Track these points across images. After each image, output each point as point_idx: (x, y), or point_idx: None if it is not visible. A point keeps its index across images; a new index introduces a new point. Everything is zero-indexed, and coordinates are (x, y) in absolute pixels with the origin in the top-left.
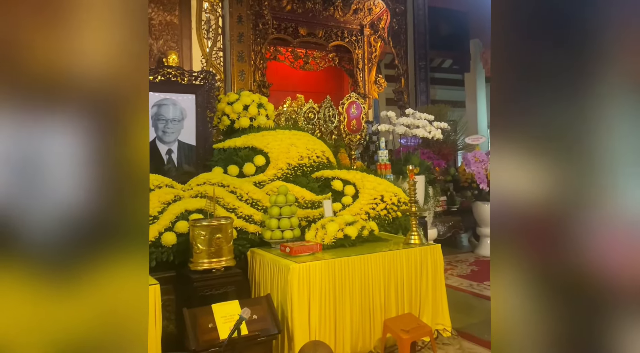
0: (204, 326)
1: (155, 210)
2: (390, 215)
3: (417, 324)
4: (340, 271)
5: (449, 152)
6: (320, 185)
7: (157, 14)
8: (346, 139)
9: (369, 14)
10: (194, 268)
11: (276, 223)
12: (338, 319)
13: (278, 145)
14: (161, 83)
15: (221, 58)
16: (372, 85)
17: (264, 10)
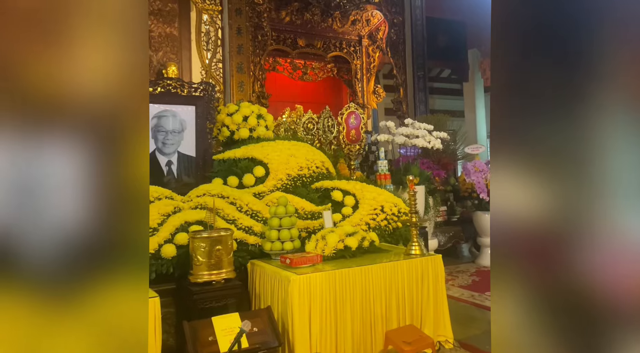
0: (204, 339)
1: (155, 222)
2: (391, 226)
3: (419, 336)
4: (341, 282)
5: (448, 162)
6: (319, 195)
7: (157, 26)
8: (345, 149)
9: (367, 24)
10: (194, 281)
11: (276, 234)
12: (339, 331)
13: (277, 156)
14: (161, 94)
15: (220, 69)
16: (370, 95)
17: (263, 22)
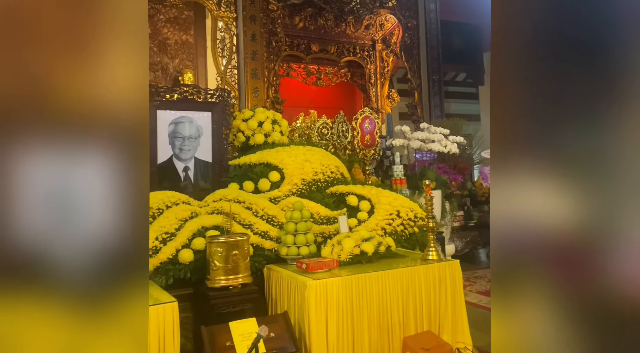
0: (221, 344)
1: (172, 227)
2: (407, 231)
3: (437, 342)
4: (358, 288)
5: (465, 166)
6: (335, 200)
7: (173, 33)
8: (360, 153)
9: (381, 29)
10: (211, 286)
11: (292, 239)
12: (356, 337)
13: (292, 161)
14: (178, 101)
15: (235, 75)
16: (385, 99)
17: (277, 28)
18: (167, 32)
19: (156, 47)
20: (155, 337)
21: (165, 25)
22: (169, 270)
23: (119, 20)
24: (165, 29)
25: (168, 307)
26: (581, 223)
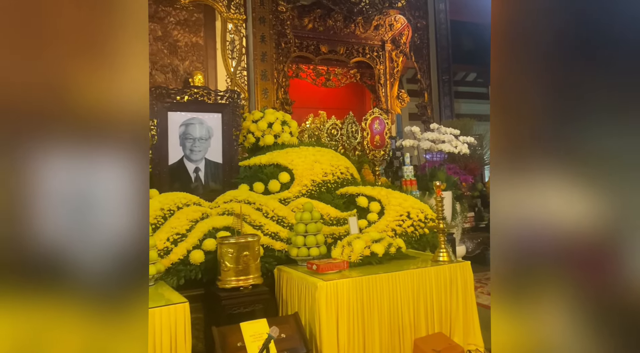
0: (232, 345)
1: (183, 228)
2: (418, 232)
3: (449, 344)
4: (368, 289)
5: (475, 167)
6: (344, 201)
7: (183, 35)
8: (370, 154)
9: (390, 29)
10: (222, 286)
11: (302, 240)
12: (367, 338)
13: (302, 162)
14: (188, 102)
15: (245, 77)
16: (394, 100)
17: (286, 29)
18: (177, 34)
19: (167, 49)
20: (167, 337)
21: (175, 28)
22: (180, 270)
23: (125, 20)
24: (175, 31)
25: (179, 307)
26: (594, 224)
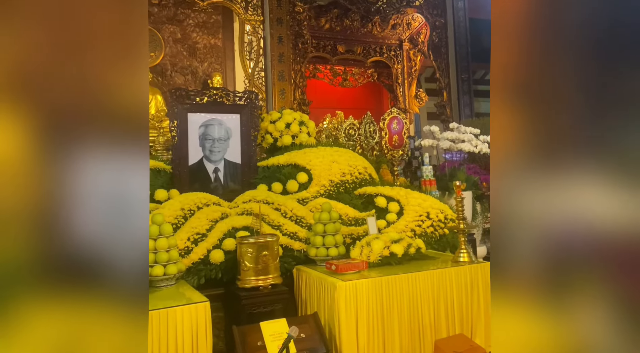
0: (252, 344)
1: (203, 227)
2: (437, 233)
3: (470, 346)
4: (388, 289)
5: None
6: (363, 201)
7: (202, 37)
8: (388, 154)
9: (408, 28)
10: (242, 286)
11: (321, 240)
12: (387, 339)
13: (320, 162)
14: (208, 104)
15: (263, 78)
16: (412, 99)
17: (303, 30)
18: (196, 36)
19: (186, 51)
20: (188, 336)
21: (194, 30)
22: (200, 270)
23: (134, 23)
24: (194, 33)
25: (200, 306)
26: (631, 222)
